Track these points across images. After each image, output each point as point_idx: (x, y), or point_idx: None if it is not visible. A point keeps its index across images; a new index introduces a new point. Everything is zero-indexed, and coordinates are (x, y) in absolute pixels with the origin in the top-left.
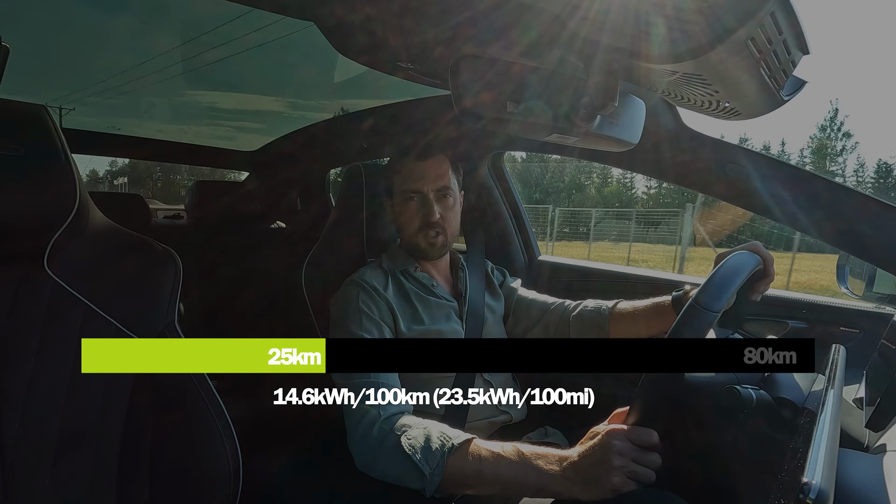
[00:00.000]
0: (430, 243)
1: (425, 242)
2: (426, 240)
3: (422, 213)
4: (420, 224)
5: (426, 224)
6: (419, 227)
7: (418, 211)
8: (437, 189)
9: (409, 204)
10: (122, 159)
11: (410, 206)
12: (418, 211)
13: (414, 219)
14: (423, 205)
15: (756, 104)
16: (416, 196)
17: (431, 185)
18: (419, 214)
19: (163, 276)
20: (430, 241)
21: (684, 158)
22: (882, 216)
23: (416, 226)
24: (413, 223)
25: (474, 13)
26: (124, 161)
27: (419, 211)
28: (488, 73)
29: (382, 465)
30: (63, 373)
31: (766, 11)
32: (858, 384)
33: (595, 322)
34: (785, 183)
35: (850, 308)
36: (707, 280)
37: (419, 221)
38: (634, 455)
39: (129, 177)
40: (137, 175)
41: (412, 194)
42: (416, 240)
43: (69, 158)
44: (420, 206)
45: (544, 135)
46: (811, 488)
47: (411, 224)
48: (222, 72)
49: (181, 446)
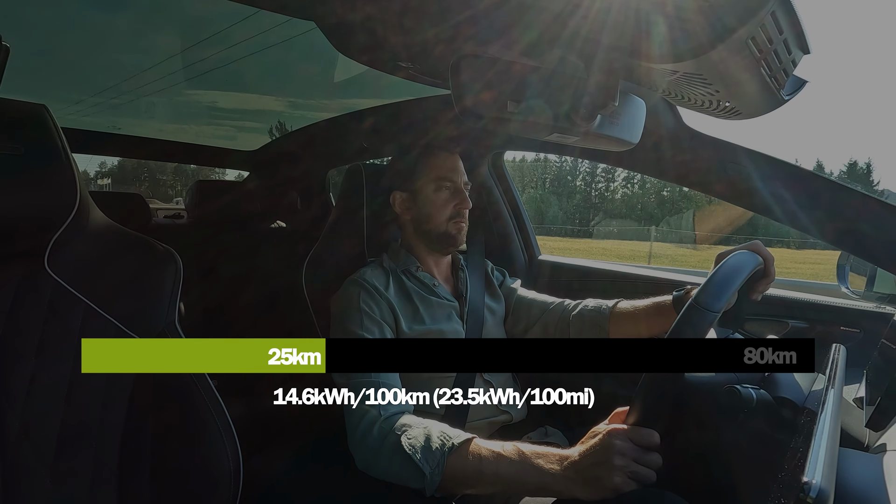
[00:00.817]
0: (458, 230)
1: (456, 229)
2: (456, 227)
3: (454, 203)
4: (452, 213)
5: (458, 213)
6: (451, 216)
7: (451, 199)
8: (465, 182)
9: (441, 193)
10: (109, 160)
11: (443, 194)
12: (451, 199)
13: (446, 207)
14: (456, 194)
15: (756, 104)
16: (448, 185)
17: (461, 178)
18: (451, 203)
19: (163, 275)
20: (459, 228)
21: (685, 158)
22: (882, 216)
23: (448, 214)
24: (445, 211)
25: (475, 12)
26: (112, 162)
27: (451, 200)
28: (489, 73)
29: (383, 465)
30: (63, 371)
31: (767, 11)
32: (859, 384)
33: (595, 321)
34: (785, 182)
35: (851, 308)
36: (707, 280)
37: (451, 210)
38: (636, 455)
39: (115, 177)
40: (124, 175)
41: (447, 183)
42: (447, 227)
43: (70, 158)
44: (453, 195)
45: (545, 134)
46: (811, 487)
47: (442, 212)
48: (222, 71)
49: (181, 445)
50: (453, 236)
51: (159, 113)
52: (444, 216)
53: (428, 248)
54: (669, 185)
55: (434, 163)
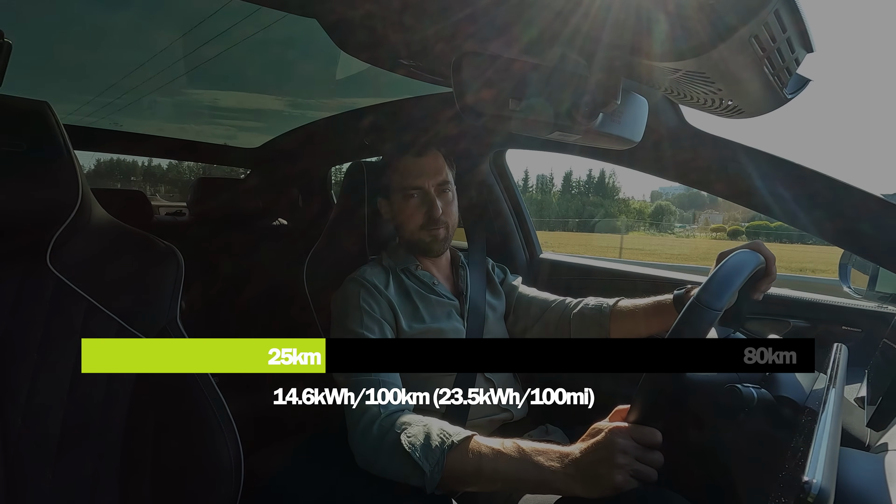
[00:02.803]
0: (433, 238)
1: (429, 237)
2: (429, 235)
3: (424, 210)
4: (423, 221)
5: (430, 220)
6: (422, 224)
7: (420, 207)
8: (438, 184)
9: (409, 201)
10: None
11: (411, 203)
12: (420, 207)
13: (415, 216)
14: (425, 201)
15: (759, 102)
16: (416, 192)
17: (431, 181)
18: (421, 211)
19: (165, 272)
20: (433, 235)
21: (685, 156)
22: (883, 215)
23: (419, 223)
24: (415, 220)
25: (476, 9)
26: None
27: (421, 207)
28: (490, 71)
29: (383, 463)
30: (65, 368)
31: (770, 9)
32: (860, 383)
33: (596, 320)
34: (786, 181)
35: (852, 307)
36: (709, 278)
37: (422, 218)
38: (637, 453)
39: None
40: (98, 175)
41: (412, 191)
42: (420, 236)
43: (71, 154)
44: (422, 203)
45: (546, 132)
46: (812, 487)
47: (413, 221)
48: (223, 70)
49: (183, 441)
50: (427, 244)
51: (160, 112)
52: (414, 225)
53: (414, 252)
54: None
55: (400, 170)
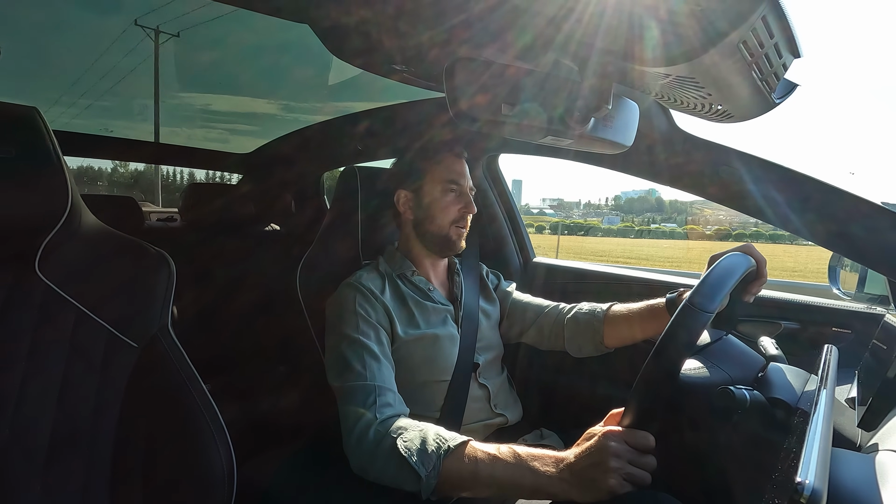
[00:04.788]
0: (460, 235)
1: (456, 235)
2: (457, 233)
3: (459, 206)
4: (456, 216)
5: (462, 217)
6: (454, 220)
7: (456, 203)
8: (470, 187)
9: (448, 195)
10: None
11: (449, 196)
12: (456, 203)
13: (450, 209)
14: (462, 198)
15: (748, 107)
16: (456, 188)
17: (468, 183)
18: (456, 206)
19: (156, 279)
20: (460, 233)
21: (678, 160)
22: (873, 218)
23: (452, 217)
24: (449, 214)
25: (470, 16)
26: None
27: (457, 203)
28: (483, 76)
29: (378, 468)
30: (55, 377)
31: (758, 15)
32: (850, 384)
33: (590, 325)
34: (777, 184)
35: (842, 308)
36: (701, 281)
37: (455, 214)
38: (631, 457)
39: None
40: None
41: (454, 186)
42: (449, 231)
43: (61, 160)
44: (459, 199)
45: (539, 137)
46: (805, 488)
47: (447, 215)
48: (216, 74)
49: (175, 450)
50: (454, 241)
51: (151, 115)
52: (447, 219)
53: (427, 249)
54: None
55: (444, 164)
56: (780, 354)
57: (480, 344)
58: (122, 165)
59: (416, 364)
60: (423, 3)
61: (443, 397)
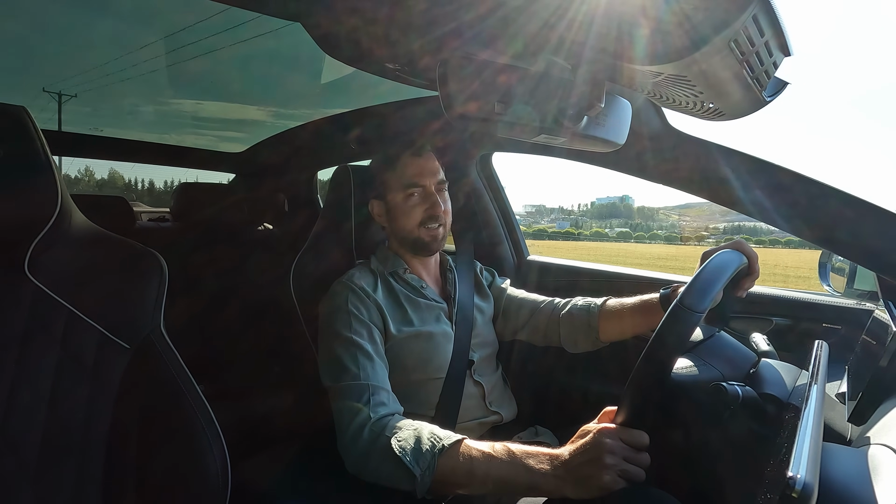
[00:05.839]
0: (432, 236)
1: (428, 236)
2: (429, 233)
3: (425, 207)
4: (423, 217)
5: (430, 217)
6: (421, 221)
7: (420, 204)
8: (437, 182)
9: (410, 199)
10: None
11: (412, 200)
12: (420, 204)
13: (415, 213)
14: (426, 198)
15: (739, 105)
16: (417, 190)
17: (431, 179)
18: (421, 208)
19: (148, 279)
20: (433, 234)
21: (669, 158)
22: (860, 214)
23: (418, 220)
24: (414, 217)
25: (463, 14)
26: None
27: (422, 204)
28: (477, 75)
29: (373, 467)
30: (46, 380)
31: (749, 14)
32: (841, 379)
33: (585, 320)
34: (767, 183)
35: (832, 305)
36: (692, 280)
37: (421, 215)
38: (625, 453)
39: None
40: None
41: (414, 189)
42: (418, 234)
43: (50, 160)
44: (423, 200)
45: (532, 136)
46: (796, 482)
47: (412, 219)
48: (206, 79)
49: (169, 454)
50: (426, 242)
51: (141, 119)
52: (413, 222)
53: (407, 252)
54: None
55: (400, 169)
56: (772, 350)
57: (475, 341)
58: (88, 174)
59: (410, 362)
60: (420, 6)
61: (437, 395)
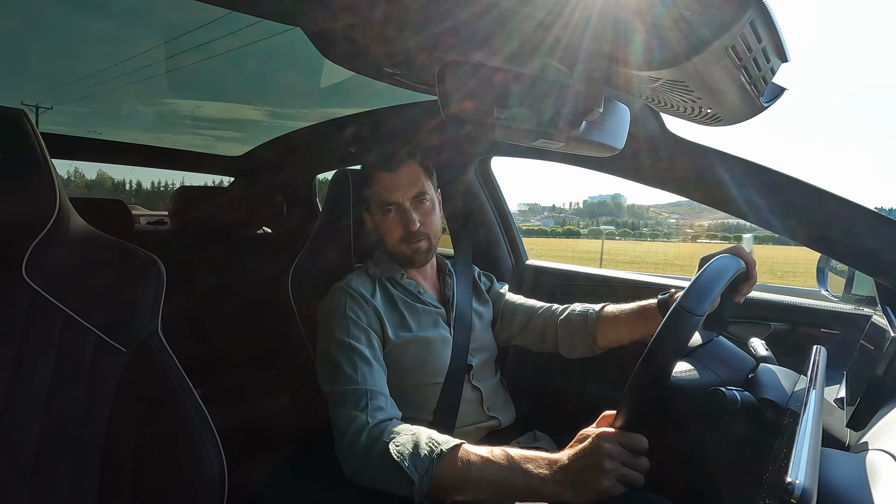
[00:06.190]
0: (414, 251)
1: (410, 250)
2: (410, 248)
3: (401, 224)
4: (402, 234)
5: (408, 234)
6: (401, 238)
7: (398, 222)
8: (413, 196)
9: (387, 216)
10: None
11: (389, 217)
12: (398, 222)
13: (394, 230)
14: (402, 216)
15: (737, 110)
16: (393, 207)
17: (406, 194)
18: (399, 225)
19: (145, 283)
20: (415, 248)
21: (665, 163)
22: (857, 220)
23: (399, 236)
24: (394, 234)
25: (460, 20)
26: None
27: (399, 222)
28: (475, 80)
29: (371, 473)
30: (42, 382)
31: (746, 20)
32: (839, 384)
33: (582, 326)
34: (763, 187)
35: (830, 310)
36: (691, 284)
37: (400, 232)
38: (624, 458)
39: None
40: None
41: (389, 206)
42: (400, 249)
43: (49, 163)
44: (399, 217)
45: (530, 140)
46: (795, 488)
47: (392, 235)
48: (203, 80)
49: (165, 456)
50: (409, 257)
51: (138, 120)
52: (394, 239)
53: (399, 262)
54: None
55: (375, 186)
56: (770, 355)
57: (474, 345)
58: (78, 175)
59: (408, 367)
60: (414, 7)
61: (435, 400)
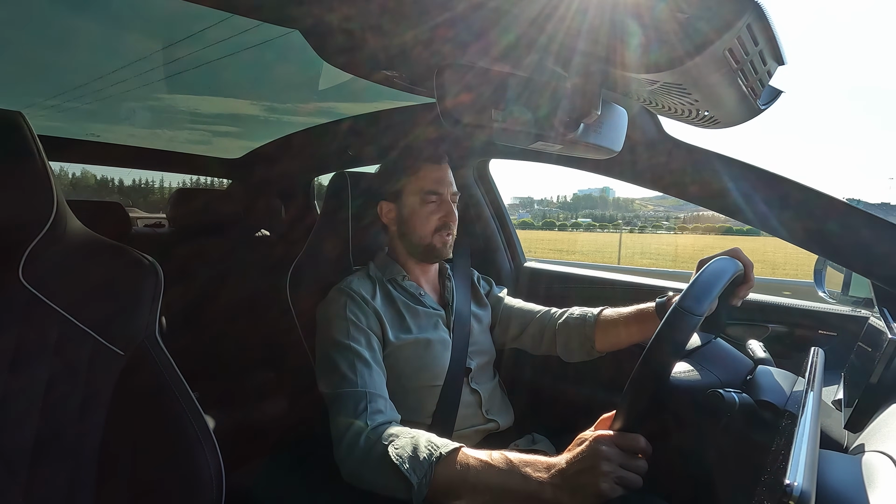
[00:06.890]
0: (443, 242)
1: (440, 242)
2: (441, 240)
3: (440, 215)
4: (438, 225)
5: (444, 225)
6: (436, 228)
7: (436, 212)
8: (452, 193)
9: (427, 206)
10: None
11: (428, 207)
12: (436, 212)
13: (430, 220)
14: (442, 207)
15: (734, 113)
16: (435, 198)
17: (448, 189)
18: (436, 216)
19: (143, 286)
20: (444, 240)
21: (660, 164)
22: (853, 221)
23: (433, 227)
24: (430, 224)
25: (461, 24)
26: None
27: (437, 212)
28: (474, 82)
29: (370, 476)
30: (37, 385)
31: (743, 24)
32: (837, 386)
33: (580, 330)
34: (759, 189)
35: (828, 312)
36: (689, 285)
37: (437, 223)
38: (622, 460)
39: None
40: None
41: (432, 196)
42: (432, 240)
43: (46, 165)
44: (439, 208)
45: (529, 142)
46: (793, 489)
47: (427, 225)
48: (197, 74)
49: (162, 458)
50: (438, 249)
51: (133, 118)
52: (428, 229)
53: (413, 257)
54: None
55: (421, 175)
56: (768, 357)
57: (473, 349)
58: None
59: (407, 369)
60: (414, 11)
61: (434, 403)
